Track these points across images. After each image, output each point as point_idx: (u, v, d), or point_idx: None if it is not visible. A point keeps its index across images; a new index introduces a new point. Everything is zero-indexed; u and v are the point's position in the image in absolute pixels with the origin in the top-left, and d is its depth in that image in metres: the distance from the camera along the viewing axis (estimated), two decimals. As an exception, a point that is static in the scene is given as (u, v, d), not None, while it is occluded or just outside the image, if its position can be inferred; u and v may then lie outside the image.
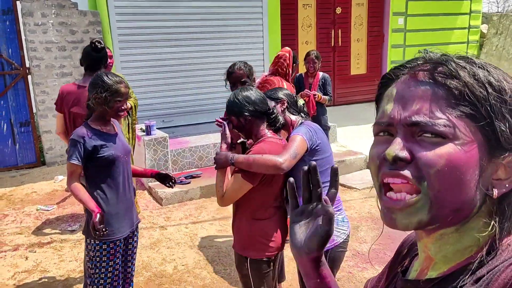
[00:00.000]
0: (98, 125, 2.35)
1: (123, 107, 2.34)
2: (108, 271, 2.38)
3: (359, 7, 8.09)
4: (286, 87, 3.43)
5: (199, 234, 4.00)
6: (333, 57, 8.09)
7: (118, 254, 2.41)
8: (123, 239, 2.44)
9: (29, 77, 5.83)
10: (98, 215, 2.21)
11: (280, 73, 3.67)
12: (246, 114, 2.08)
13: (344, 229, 2.21)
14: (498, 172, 0.61)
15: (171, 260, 3.57)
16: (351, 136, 6.42)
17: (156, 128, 5.29)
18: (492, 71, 0.62)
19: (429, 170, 0.59)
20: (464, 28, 8.95)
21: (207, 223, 4.24)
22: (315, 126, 2.23)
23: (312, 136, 2.14)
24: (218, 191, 2.09)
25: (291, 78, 3.78)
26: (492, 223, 0.61)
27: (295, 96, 2.39)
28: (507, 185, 0.60)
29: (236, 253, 2.23)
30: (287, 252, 3.42)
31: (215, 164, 2.09)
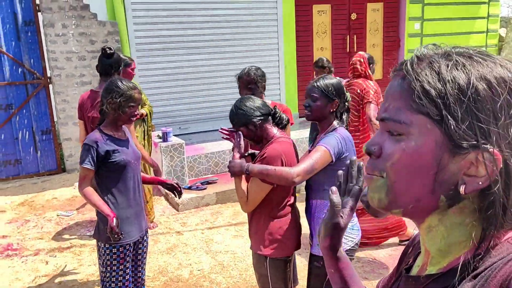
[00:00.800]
0: (110, 130, 2.40)
1: (136, 113, 2.41)
2: (119, 275, 2.42)
3: (374, 13, 8.08)
4: (373, 85, 3.68)
5: (214, 239, 4.03)
6: (348, 62, 8.06)
7: (128, 258, 2.45)
8: (133, 243, 2.48)
9: (50, 86, 5.99)
10: (115, 219, 2.26)
11: (360, 75, 3.79)
12: (255, 120, 2.13)
13: (352, 236, 2.20)
14: (471, 169, 0.60)
15: (187, 265, 3.61)
16: (367, 142, 6.38)
17: (173, 135, 5.37)
18: (479, 69, 0.60)
19: (386, 163, 0.65)
20: (482, 32, 8.84)
21: (222, 228, 4.27)
22: (345, 134, 2.17)
23: (341, 147, 2.10)
24: (241, 197, 2.14)
25: (373, 80, 3.87)
26: (479, 219, 0.61)
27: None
28: (480, 182, 0.59)
29: (255, 253, 2.26)
30: (300, 257, 3.43)
31: (229, 172, 2.14)
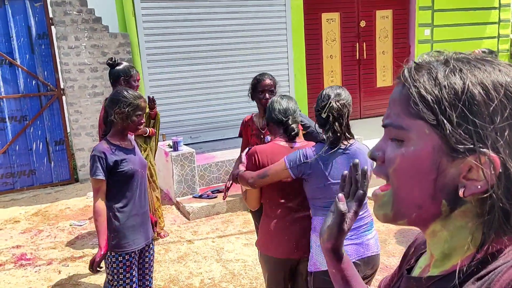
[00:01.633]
0: (117, 140, 2.43)
1: (142, 121, 2.46)
2: (126, 283, 2.43)
3: (383, 20, 8.07)
4: None
5: (225, 248, 4.03)
6: (358, 70, 8.07)
7: (134, 266, 2.47)
8: (138, 251, 2.50)
9: (63, 97, 6.10)
10: (102, 255, 2.33)
11: None
12: (271, 120, 2.29)
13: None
14: (471, 173, 0.60)
15: (198, 273, 3.61)
16: (378, 149, 6.34)
17: (184, 144, 5.41)
18: (476, 74, 0.60)
19: (388, 168, 0.67)
20: (493, 37, 8.76)
21: (233, 237, 4.27)
22: (309, 151, 2.07)
23: (300, 164, 2.03)
24: (243, 197, 2.35)
25: None
26: (481, 223, 0.61)
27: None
28: (479, 186, 0.59)
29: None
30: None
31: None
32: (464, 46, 8.34)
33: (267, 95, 2.91)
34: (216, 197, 4.99)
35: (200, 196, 5.04)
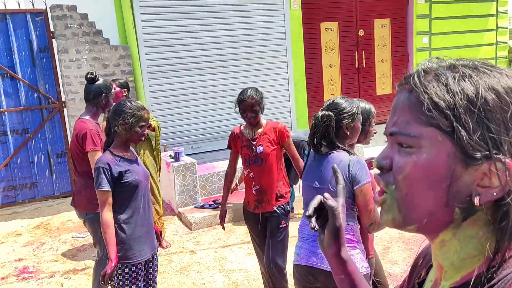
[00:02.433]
0: (120, 151, 2.44)
1: (145, 132, 2.49)
2: None
3: (382, 29, 8.13)
4: None
5: (228, 258, 4.02)
6: (357, 78, 8.11)
7: (140, 278, 2.46)
8: (144, 262, 2.50)
9: (64, 110, 6.12)
10: (113, 267, 2.32)
11: None
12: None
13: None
14: (485, 180, 0.59)
15: (201, 284, 3.60)
16: (379, 157, 6.34)
17: (185, 155, 5.42)
18: (486, 79, 0.60)
19: (397, 176, 0.65)
20: (491, 44, 8.81)
21: (236, 246, 4.26)
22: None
23: None
24: None
25: None
26: (492, 231, 0.61)
27: None
28: (494, 193, 0.58)
29: None
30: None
31: None
32: (462, 54, 8.38)
33: (249, 114, 2.92)
34: (218, 206, 4.99)
35: (202, 206, 5.04)
